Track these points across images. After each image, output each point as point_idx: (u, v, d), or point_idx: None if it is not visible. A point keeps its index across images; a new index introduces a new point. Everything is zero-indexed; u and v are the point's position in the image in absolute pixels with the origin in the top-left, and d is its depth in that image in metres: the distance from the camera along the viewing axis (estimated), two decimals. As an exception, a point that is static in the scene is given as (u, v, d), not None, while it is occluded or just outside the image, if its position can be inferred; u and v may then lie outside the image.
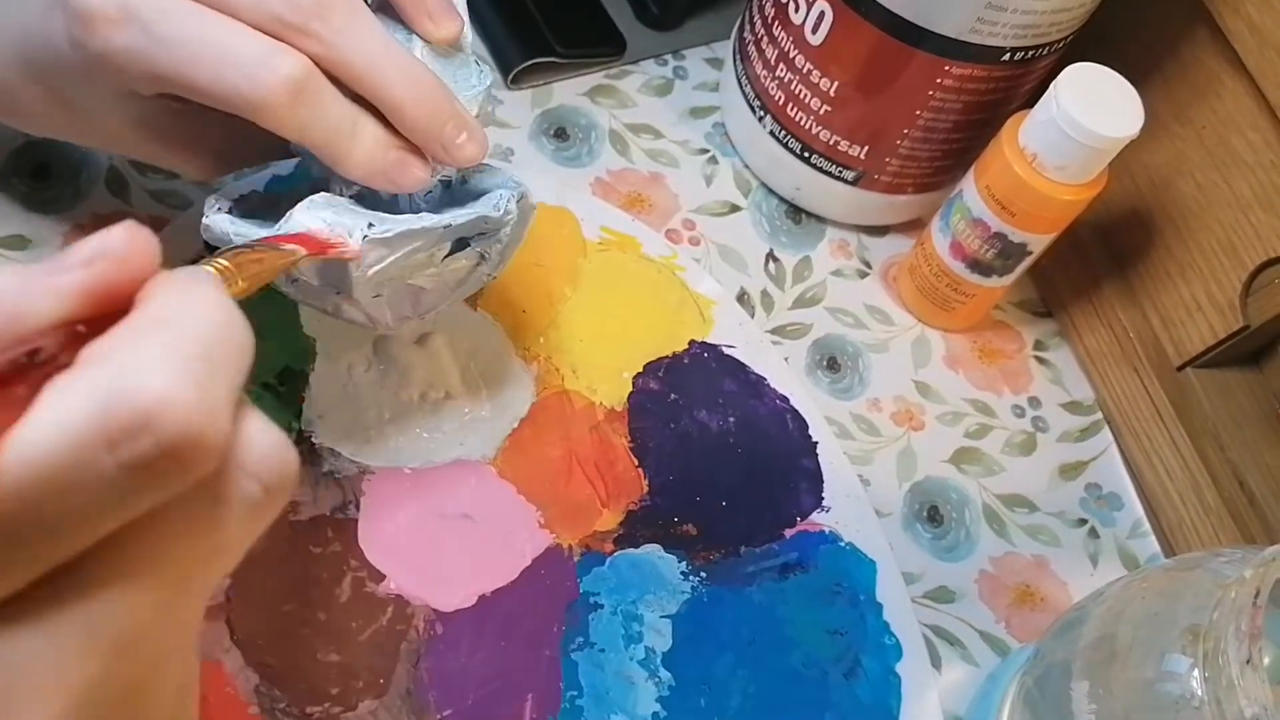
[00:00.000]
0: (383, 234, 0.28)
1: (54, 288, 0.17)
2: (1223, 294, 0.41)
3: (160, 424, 0.15)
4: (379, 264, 0.29)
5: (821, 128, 0.43)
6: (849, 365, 0.44)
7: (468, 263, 0.31)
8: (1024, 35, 0.38)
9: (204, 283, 0.18)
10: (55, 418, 0.15)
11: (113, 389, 0.15)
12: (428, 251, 0.30)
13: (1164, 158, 0.43)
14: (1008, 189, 0.40)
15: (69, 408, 0.15)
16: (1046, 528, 0.42)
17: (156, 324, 0.17)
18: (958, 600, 0.40)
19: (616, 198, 0.45)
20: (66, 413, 0.15)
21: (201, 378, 0.16)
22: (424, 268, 0.30)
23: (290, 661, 0.33)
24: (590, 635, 0.36)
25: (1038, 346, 0.47)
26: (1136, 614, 0.31)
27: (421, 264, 0.30)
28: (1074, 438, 0.45)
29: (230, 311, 0.18)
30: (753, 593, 0.38)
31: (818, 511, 0.40)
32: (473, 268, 0.32)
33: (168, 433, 0.16)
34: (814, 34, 0.41)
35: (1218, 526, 0.41)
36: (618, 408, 0.40)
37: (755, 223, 0.46)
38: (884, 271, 0.47)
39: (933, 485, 0.42)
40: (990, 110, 0.42)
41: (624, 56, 0.48)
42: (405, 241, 0.29)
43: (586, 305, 0.42)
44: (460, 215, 0.30)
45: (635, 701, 0.35)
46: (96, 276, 0.17)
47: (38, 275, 0.17)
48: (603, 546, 0.37)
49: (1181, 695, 0.28)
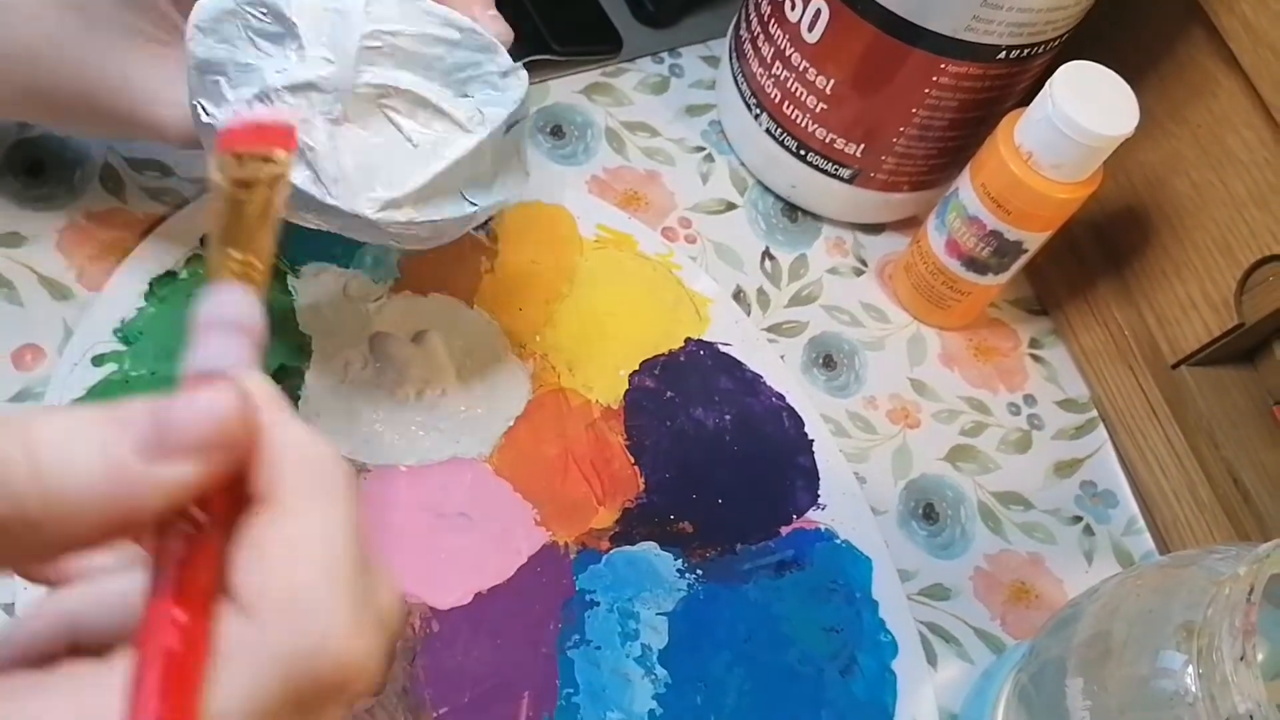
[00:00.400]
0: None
1: (160, 485, 0.16)
2: (1217, 292, 0.41)
3: (353, 688, 0.16)
4: (390, 25, 0.27)
5: (817, 126, 0.43)
6: (845, 363, 0.44)
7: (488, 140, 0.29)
8: (1019, 33, 0.38)
9: (339, 491, 0.17)
10: (244, 689, 0.15)
11: (300, 659, 0.16)
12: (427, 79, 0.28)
13: (1159, 156, 0.43)
14: (1003, 187, 0.40)
15: (257, 677, 0.15)
16: (1041, 525, 0.42)
17: (304, 560, 0.16)
18: (953, 597, 0.40)
19: (613, 196, 0.45)
20: (255, 683, 0.15)
21: (369, 623, 0.16)
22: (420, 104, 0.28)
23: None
24: (586, 633, 0.36)
25: (1033, 344, 0.47)
26: (1131, 611, 0.31)
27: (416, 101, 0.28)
28: (1069, 435, 0.45)
29: (339, 512, 0.17)
30: (749, 590, 0.38)
31: (814, 509, 0.40)
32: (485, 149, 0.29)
33: (356, 691, 0.16)
34: (810, 32, 0.41)
35: (1212, 524, 0.41)
36: (614, 405, 0.40)
37: (751, 221, 0.46)
38: (880, 269, 0.47)
39: (928, 483, 0.42)
40: (986, 108, 0.42)
41: (620, 54, 0.48)
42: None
43: (583, 303, 0.42)
44: (484, 30, 0.29)
45: (631, 699, 0.35)
46: (208, 469, 0.16)
47: (136, 465, 0.16)
48: (599, 544, 0.37)
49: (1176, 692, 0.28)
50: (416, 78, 0.28)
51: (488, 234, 0.42)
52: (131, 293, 0.37)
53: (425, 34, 0.28)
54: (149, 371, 0.36)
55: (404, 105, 0.28)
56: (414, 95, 0.28)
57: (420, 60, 0.28)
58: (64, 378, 0.35)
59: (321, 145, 0.28)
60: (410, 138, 0.29)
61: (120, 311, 0.37)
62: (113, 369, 0.36)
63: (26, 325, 0.36)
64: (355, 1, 0.28)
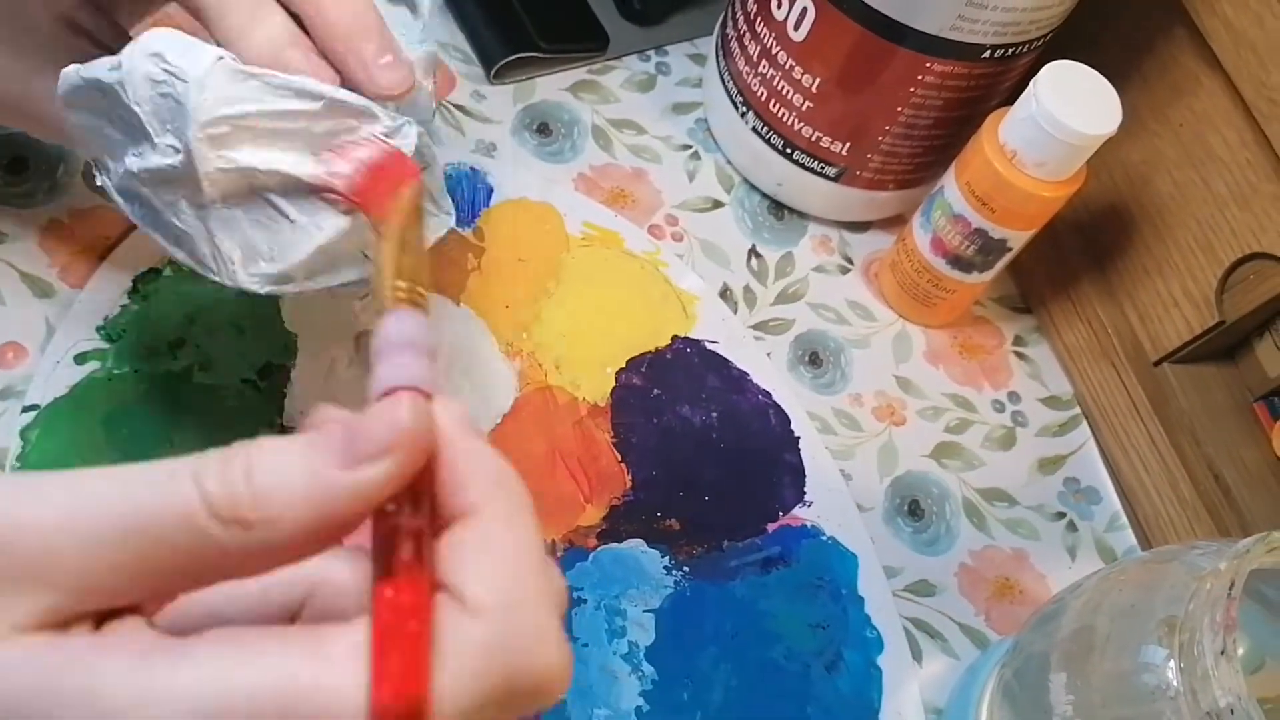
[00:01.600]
0: (242, 66, 0.24)
1: (358, 488, 0.17)
2: (1199, 290, 0.41)
3: (552, 693, 0.17)
4: (231, 107, 0.24)
5: (803, 124, 0.43)
6: (831, 360, 0.44)
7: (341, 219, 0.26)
8: (1004, 33, 0.39)
9: (527, 504, 0.19)
10: (468, 681, 0.16)
11: (514, 661, 0.17)
12: (295, 141, 0.25)
13: (1142, 155, 0.43)
14: (988, 185, 0.40)
15: (481, 672, 0.17)
16: (1025, 521, 0.43)
17: (531, 572, 0.18)
18: (938, 593, 0.40)
19: (599, 193, 0.45)
20: (478, 677, 0.16)
21: (562, 635, 0.18)
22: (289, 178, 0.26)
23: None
24: (573, 630, 0.36)
25: (1017, 342, 0.47)
26: (1113, 606, 0.31)
27: (286, 170, 0.25)
28: (1053, 432, 0.45)
29: (533, 528, 0.19)
30: (735, 587, 0.38)
31: (800, 506, 0.40)
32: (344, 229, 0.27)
33: (553, 697, 0.17)
34: (796, 30, 0.41)
35: (1193, 519, 0.42)
36: (601, 403, 0.40)
37: (737, 219, 0.46)
38: (865, 267, 0.47)
39: (913, 479, 0.42)
40: (971, 107, 0.42)
41: (607, 52, 0.48)
42: (271, 95, 0.25)
43: (569, 301, 0.42)
44: (347, 96, 0.26)
45: (618, 696, 0.35)
46: (400, 470, 0.17)
47: (334, 472, 0.17)
48: (586, 542, 0.37)
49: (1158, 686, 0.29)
50: (280, 154, 0.26)
51: (474, 231, 0.42)
52: (115, 290, 0.37)
53: (277, 110, 0.25)
54: (132, 369, 0.36)
55: (274, 183, 0.26)
56: (281, 174, 0.26)
57: (280, 136, 0.25)
58: (46, 376, 0.35)
59: (192, 228, 0.27)
60: (287, 214, 0.26)
61: (103, 309, 0.36)
62: (96, 367, 0.35)
63: (8, 323, 0.35)
64: (189, 88, 0.25)
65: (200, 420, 0.35)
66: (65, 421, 0.34)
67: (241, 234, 0.27)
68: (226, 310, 0.30)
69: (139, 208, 0.28)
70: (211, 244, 0.27)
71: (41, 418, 0.34)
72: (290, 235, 0.27)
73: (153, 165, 0.26)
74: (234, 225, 0.26)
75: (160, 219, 0.27)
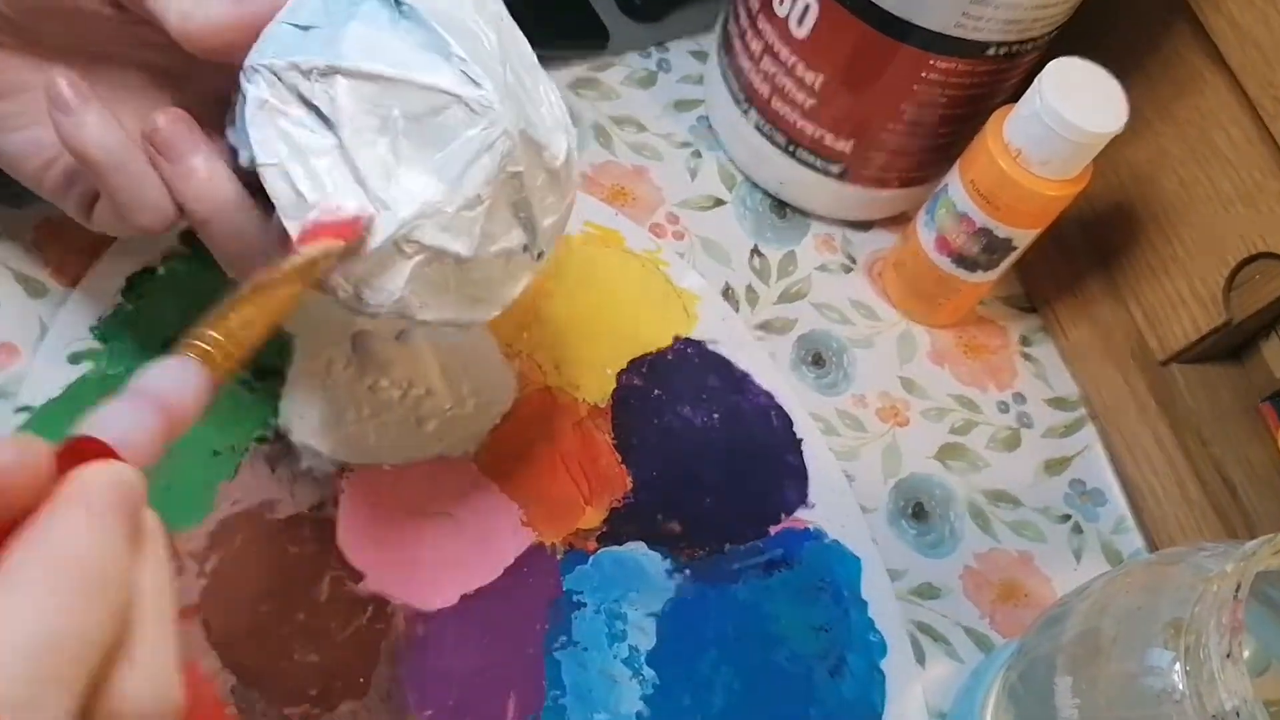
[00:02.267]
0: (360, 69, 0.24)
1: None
2: (1205, 289, 0.41)
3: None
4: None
5: (806, 122, 0.43)
6: (834, 361, 0.44)
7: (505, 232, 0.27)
8: (1008, 30, 0.38)
9: (77, 588, 0.17)
10: None
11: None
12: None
13: (1147, 153, 0.43)
14: (992, 184, 0.40)
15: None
16: (1031, 523, 0.42)
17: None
18: (942, 596, 0.40)
19: (600, 191, 0.44)
20: None
21: (24, 696, 0.15)
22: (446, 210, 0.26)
23: (268, 662, 0.32)
24: (573, 634, 0.35)
25: (1022, 342, 0.47)
26: (1119, 609, 0.31)
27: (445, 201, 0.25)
28: (1058, 433, 0.45)
29: (62, 592, 0.16)
30: (737, 590, 0.38)
31: (802, 508, 0.40)
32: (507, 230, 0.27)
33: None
34: (799, 27, 0.41)
35: (1200, 521, 0.41)
36: (601, 404, 0.40)
37: (739, 217, 0.46)
38: (869, 266, 0.47)
39: (917, 481, 0.42)
40: (975, 105, 0.42)
41: (607, 49, 0.48)
42: (387, 94, 0.25)
43: (569, 300, 0.41)
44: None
45: (619, 700, 0.35)
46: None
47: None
48: (586, 544, 0.37)
49: (1164, 689, 0.28)
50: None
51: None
52: (109, 289, 0.36)
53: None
54: (126, 369, 0.35)
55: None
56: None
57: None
58: (40, 376, 0.35)
59: None
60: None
61: (97, 308, 0.36)
62: (90, 367, 0.35)
63: (1, 323, 0.35)
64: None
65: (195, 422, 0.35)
66: (59, 423, 0.34)
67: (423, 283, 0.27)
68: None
69: None
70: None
71: (34, 419, 0.34)
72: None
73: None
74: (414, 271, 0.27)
75: None
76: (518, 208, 0.27)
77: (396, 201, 0.25)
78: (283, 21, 0.26)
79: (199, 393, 0.20)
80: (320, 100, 0.25)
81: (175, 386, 0.19)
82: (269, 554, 0.34)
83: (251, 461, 0.35)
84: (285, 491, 0.35)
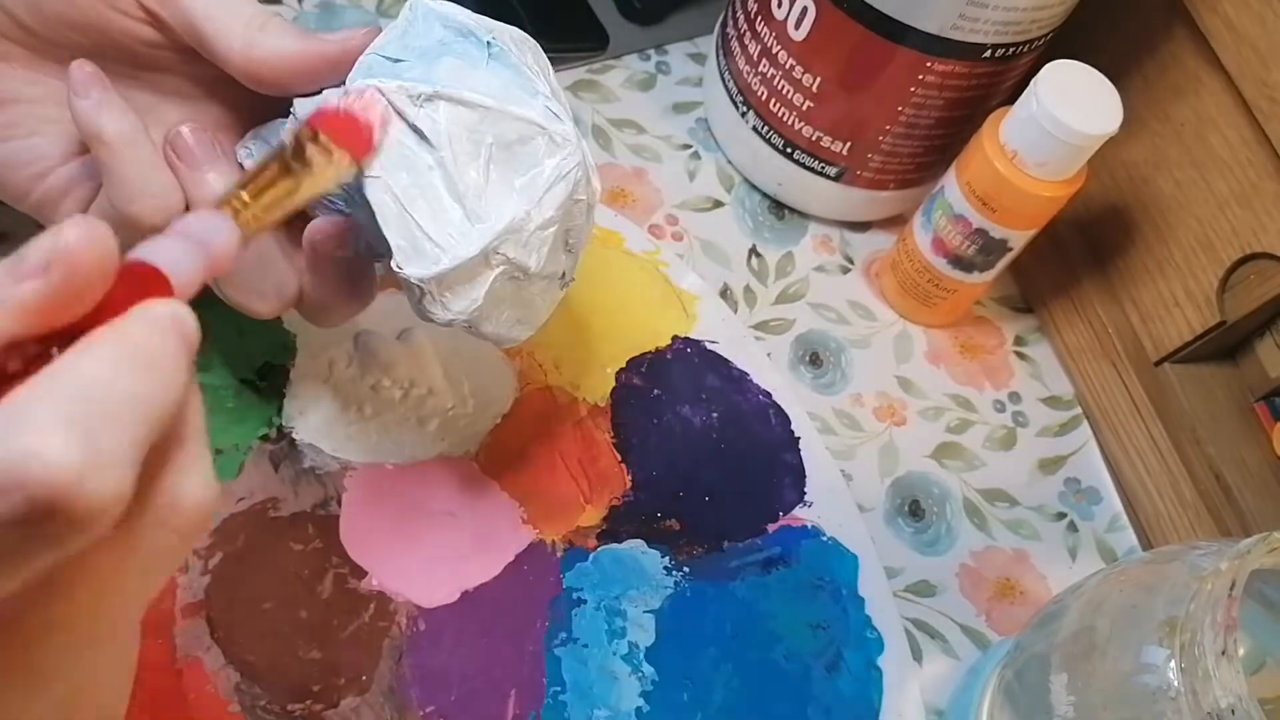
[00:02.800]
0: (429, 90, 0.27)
1: (4, 302, 0.17)
2: (1200, 290, 0.41)
3: (33, 481, 0.15)
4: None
5: (804, 124, 0.43)
6: (831, 361, 0.44)
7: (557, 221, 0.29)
8: (1005, 32, 0.39)
9: (121, 332, 0.18)
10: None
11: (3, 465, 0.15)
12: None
13: (1143, 155, 0.43)
14: (989, 185, 0.40)
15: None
16: (1026, 522, 0.43)
17: (51, 376, 0.16)
18: (939, 594, 0.40)
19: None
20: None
21: (84, 434, 0.16)
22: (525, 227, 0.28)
23: (271, 659, 0.33)
24: (573, 631, 0.36)
25: (1018, 342, 0.47)
26: (1114, 607, 0.31)
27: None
28: (1054, 432, 0.45)
29: (126, 361, 0.17)
30: (736, 587, 0.38)
31: (800, 506, 0.40)
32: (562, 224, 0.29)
33: (41, 490, 0.15)
34: (797, 30, 0.41)
35: (1194, 520, 0.42)
36: (601, 403, 0.40)
37: (738, 218, 0.46)
38: (866, 267, 0.47)
39: (914, 480, 0.42)
40: (971, 107, 0.42)
41: (606, 51, 0.48)
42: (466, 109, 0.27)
43: (569, 301, 0.42)
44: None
45: (619, 696, 0.35)
46: (50, 287, 0.17)
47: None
48: (586, 542, 0.37)
49: (1159, 686, 0.29)
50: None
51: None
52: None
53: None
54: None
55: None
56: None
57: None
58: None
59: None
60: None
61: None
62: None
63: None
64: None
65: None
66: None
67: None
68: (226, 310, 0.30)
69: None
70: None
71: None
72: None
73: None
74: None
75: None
76: (569, 234, 0.30)
77: (489, 215, 0.28)
78: (374, 53, 0.28)
79: (231, 243, 0.21)
80: (423, 122, 0.27)
81: (214, 234, 0.20)
82: (272, 551, 0.34)
83: (255, 460, 0.35)
84: (288, 490, 0.35)
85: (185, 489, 0.18)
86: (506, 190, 0.28)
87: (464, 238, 0.28)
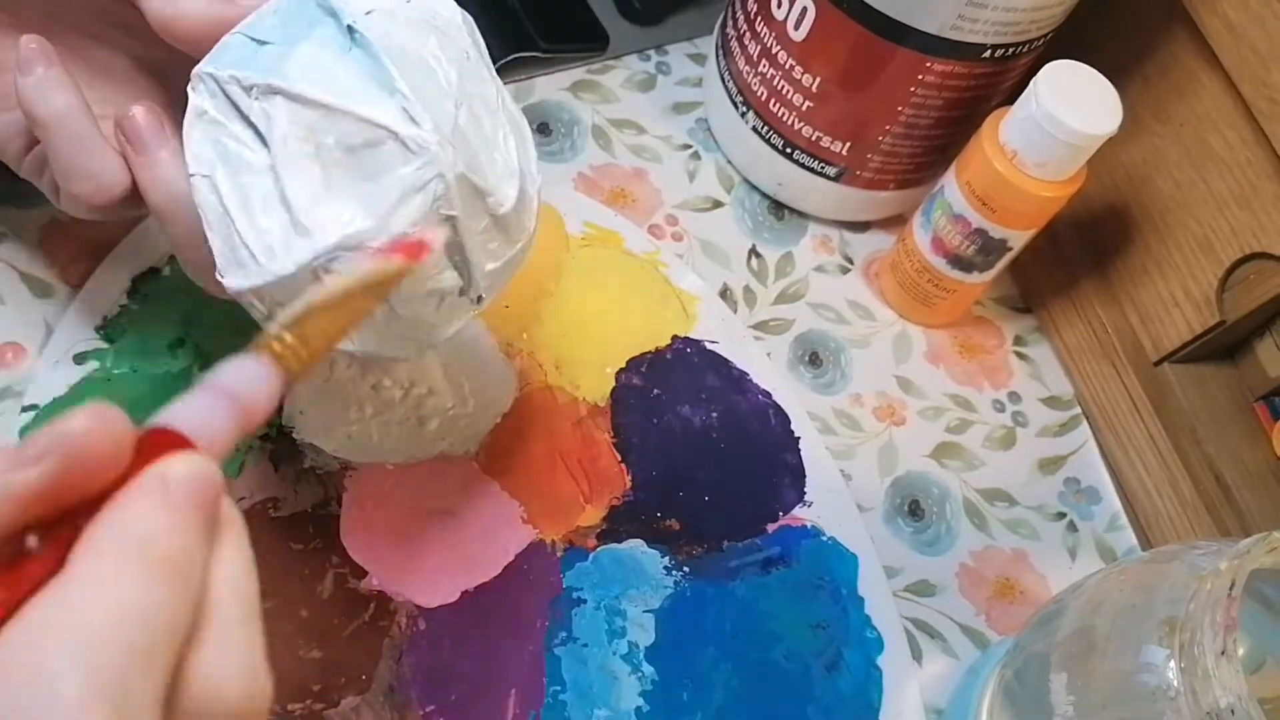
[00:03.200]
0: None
1: (4, 488, 0.16)
2: (1199, 290, 0.41)
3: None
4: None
5: (804, 124, 0.43)
6: (831, 360, 0.44)
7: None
8: (1004, 33, 0.39)
9: (135, 552, 0.17)
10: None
11: (20, 707, 0.15)
12: None
13: (1142, 155, 0.43)
14: (988, 185, 0.40)
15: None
16: (1026, 521, 0.43)
17: (68, 621, 0.16)
18: (938, 593, 0.40)
19: (599, 193, 0.45)
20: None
21: (114, 694, 0.15)
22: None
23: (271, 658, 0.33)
24: (573, 630, 0.36)
25: (1017, 342, 0.47)
26: (1114, 606, 0.31)
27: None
28: (1053, 432, 0.45)
29: (147, 604, 0.16)
30: (736, 587, 0.38)
31: (800, 506, 0.40)
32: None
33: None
34: (796, 30, 0.41)
35: (1194, 519, 0.42)
36: (601, 403, 0.40)
37: (738, 218, 0.46)
38: (866, 267, 0.47)
39: (914, 480, 0.42)
40: (971, 107, 0.42)
41: (607, 51, 0.48)
42: None
43: (569, 301, 0.42)
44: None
45: (619, 696, 0.35)
46: (50, 475, 0.16)
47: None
48: (586, 542, 0.37)
49: (1158, 686, 0.29)
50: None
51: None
52: (114, 290, 0.37)
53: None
54: (131, 369, 0.36)
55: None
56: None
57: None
58: (45, 376, 0.35)
59: None
60: None
61: (102, 309, 0.36)
62: (95, 367, 0.35)
63: (7, 323, 0.35)
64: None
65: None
66: (64, 421, 0.34)
67: None
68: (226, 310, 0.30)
69: None
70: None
71: (40, 418, 0.34)
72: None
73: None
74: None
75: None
76: (452, 250, 0.27)
77: (318, 229, 0.25)
78: (239, 32, 0.26)
79: (271, 392, 0.19)
80: (258, 118, 0.25)
81: (249, 384, 0.19)
82: (272, 551, 0.34)
83: (255, 459, 0.35)
84: (288, 489, 0.35)
85: (219, 682, 0.17)
86: (352, 200, 0.25)
87: (286, 251, 0.25)
